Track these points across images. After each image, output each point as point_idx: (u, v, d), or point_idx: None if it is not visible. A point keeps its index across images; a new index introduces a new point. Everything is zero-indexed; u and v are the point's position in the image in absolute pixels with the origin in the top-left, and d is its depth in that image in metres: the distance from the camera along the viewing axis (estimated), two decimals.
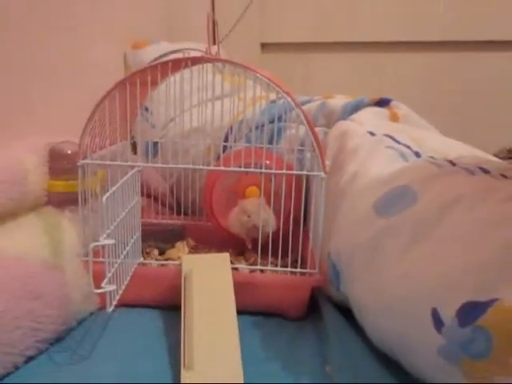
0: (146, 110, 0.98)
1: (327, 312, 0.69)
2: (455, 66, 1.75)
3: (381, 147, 0.69)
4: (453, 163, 0.62)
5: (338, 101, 0.90)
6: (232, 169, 0.72)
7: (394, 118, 0.84)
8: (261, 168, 0.72)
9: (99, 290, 0.54)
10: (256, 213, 0.78)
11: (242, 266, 0.76)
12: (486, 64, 1.73)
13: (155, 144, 0.98)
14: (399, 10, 1.72)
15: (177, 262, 0.74)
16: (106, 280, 0.56)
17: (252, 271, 0.75)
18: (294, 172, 0.71)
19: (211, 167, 0.76)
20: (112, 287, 0.55)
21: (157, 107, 0.97)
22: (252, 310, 0.70)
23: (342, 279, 0.65)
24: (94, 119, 0.66)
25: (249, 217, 0.79)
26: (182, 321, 0.61)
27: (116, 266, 0.60)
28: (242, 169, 0.72)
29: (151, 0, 1.23)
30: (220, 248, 0.87)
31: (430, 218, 0.53)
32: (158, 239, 0.89)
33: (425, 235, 0.53)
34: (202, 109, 0.95)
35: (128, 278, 0.66)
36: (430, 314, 0.48)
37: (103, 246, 0.56)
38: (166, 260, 0.83)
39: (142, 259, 0.74)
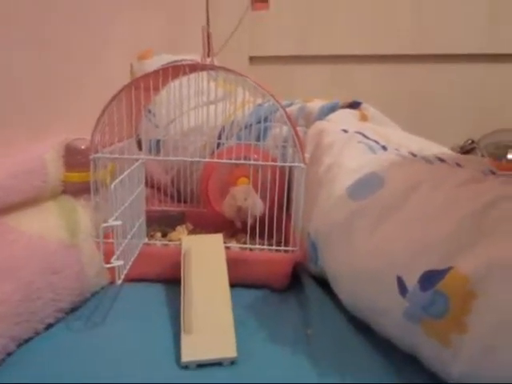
0: (150, 112, 0.97)
1: (307, 284, 0.69)
2: (416, 75, 1.80)
3: (353, 142, 0.69)
4: (414, 154, 0.61)
5: (316, 104, 0.89)
6: (225, 161, 0.72)
7: (364, 118, 0.84)
8: (250, 160, 0.72)
9: (109, 265, 0.53)
10: (241, 198, 0.77)
11: (234, 245, 0.75)
12: (439, 74, 1.80)
13: (158, 142, 0.97)
14: (369, 26, 1.77)
15: (177, 243, 0.73)
16: (114, 257, 0.55)
17: (242, 249, 0.74)
18: (278, 164, 0.70)
19: (207, 159, 0.75)
20: (120, 262, 0.55)
21: (159, 110, 0.96)
22: (242, 282, 0.70)
23: (319, 255, 0.64)
24: (103, 119, 0.65)
25: (235, 200, 0.78)
26: (182, 292, 0.60)
27: (123, 245, 0.59)
28: (234, 161, 0.71)
29: (154, 16, 1.21)
30: (215, 231, 0.86)
31: (395, 201, 0.53)
32: (160, 224, 0.88)
33: (391, 215, 0.53)
34: (198, 111, 0.94)
35: (134, 256, 0.65)
36: (396, 281, 0.48)
37: (112, 228, 0.55)
38: (168, 241, 0.83)
39: (146, 240, 0.73)
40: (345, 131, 0.74)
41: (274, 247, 0.71)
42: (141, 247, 0.70)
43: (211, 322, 0.56)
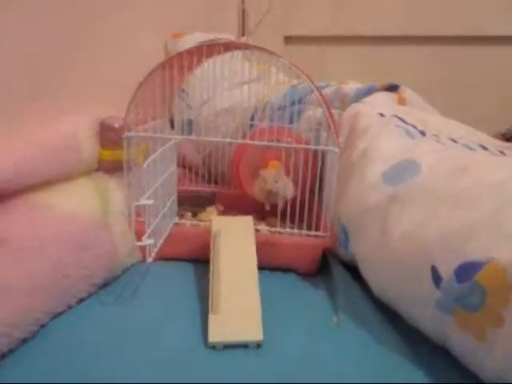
0: (183, 91, 0.97)
1: (336, 269, 0.68)
2: (455, 59, 1.73)
3: (390, 126, 0.67)
4: (454, 141, 0.59)
5: (351, 86, 0.87)
6: (256, 142, 0.71)
7: (402, 101, 0.81)
8: (282, 143, 0.71)
9: (140, 243, 0.54)
10: (272, 180, 0.77)
11: (263, 228, 0.75)
12: (478, 58, 1.72)
13: (190, 121, 0.97)
14: (405, 7, 1.70)
15: (207, 223, 0.74)
16: (145, 235, 0.55)
17: (272, 233, 0.73)
18: (311, 147, 0.68)
19: (239, 140, 0.74)
20: (150, 241, 0.55)
21: (192, 89, 0.96)
22: (271, 266, 0.70)
23: (350, 240, 0.63)
24: (136, 97, 0.65)
25: (266, 183, 0.78)
26: (211, 273, 0.61)
27: (154, 223, 0.59)
28: (265, 143, 0.70)
29: None
30: (245, 213, 0.86)
31: (433, 187, 0.51)
32: (191, 204, 0.89)
33: (427, 201, 0.51)
34: (231, 92, 0.93)
35: (165, 235, 0.65)
36: (430, 270, 0.46)
37: (144, 207, 0.55)
38: (198, 221, 0.83)
39: (177, 220, 0.74)
40: (381, 115, 0.72)
41: (303, 231, 0.70)
42: (171, 227, 0.70)
43: (238, 304, 0.56)
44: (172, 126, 0.97)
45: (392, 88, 0.84)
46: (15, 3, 0.62)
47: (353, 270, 0.66)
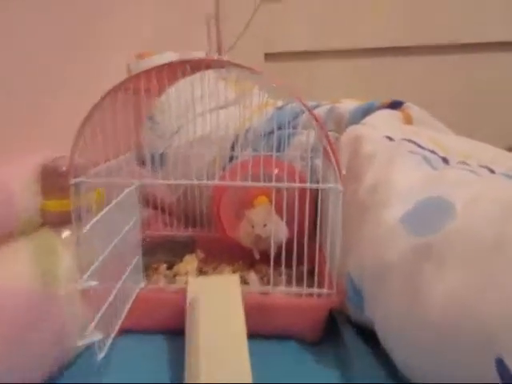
0: (153, 120, 0.84)
1: (347, 334, 0.54)
2: (455, 68, 1.60)
3: (402, 152, 0.54)
4: (491, 169, 0.46)
5: (347, 105, 0.75)
6: (238, 183, 0.57)
7: (408, 120, 0.69)
8: (270, 179, 0.57)
9: (81, 342, 0.39)
10: (260, 223, 0.64)
11: (252, 289, 0.60)
12: (485, 65, 1.58)
13: (162, 155, 0.83)
14: (396, 16, 1.57)
15: (180, 286, 0.59)
16: (91, 327, 0.41)
17: (264, 293, 0.59)
18: (307, 185, 0.55)
19: (216, 182, 0.61)
20: (97, 336, 0.40)
21: (162, 117, 0.83)
22: (265, 333, 0.55)
23: (365, 301, 0.50)
24: (83, 133, 0.51)
25: (253, 227, 0.64)
26: (187, 357, 0.46)
27: (104, 309, 0.45)
28: (250, 183, 0.56)
29: (155, 13, 1.08)
30: (231, 261, 0.73)
31: (481, 237, 0.38)
32: (166, 252, 0.75)
33: (471, 256, 0.38)
34: (206, 118, 0.80)
35: (127, 306, 0.51)
36: (493, 362, 0.33)
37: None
38: (175, 276, 0.69)
39: (143, 284, 0.59)
40: (389, 138, 0.59)
41: (304, 290, 0.56)
42: (138, 292, 0.56)
43: None
44: (143, 162, 0.83)
45: (395, 105, 0.71)
46: None
47: (366, 332, 0.52)
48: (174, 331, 0.55)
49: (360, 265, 0.50)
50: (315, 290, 0.55)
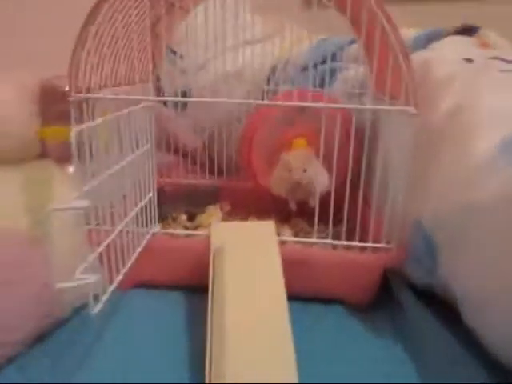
0: (175, 53, 0.73)
1: (406, 300, 0.43)
2: None
3: (491, 72, 0.42)
4: None
5: (406, 32, 0.62)
6: (286, 103, 0.46)
7: (485, 47, 0.56)
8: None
9: (68, 284, 0.29)
10: (299, 167, 0.53)
11: (290, 239, 0.50)
12: None
13: (185, 94, 0.72)
14: None
15: (204, 232, 0.49)
16: (81, 268, 0.31)
17: (304, 245, 0.49)
18: (368, 107, 0.43)
19: (257, 101, 0.49)
20: (92, 278, 0.30)
21: (187, 50, 0.71)
22: (305, 295, 0.46)
23: (440, 258, 0.39)
24: (85, 35, 0.40)
25: (290, 172, 0.53)
26: (209, 319, 0.37)
27: (106, 242, 0.35)
28: (298, 103, 0.46)
29: None
30: (260, 214, 0.62)
31: None
32: (187, 202, 0.65)
33: None
34: (237, 52, 0.69)
35: (135, 253, 0.41)
36: None
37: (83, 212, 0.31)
38: (196, 228, 0.59)
39: (157, 228, 0.49)
40: (468, 60, 0.47)
41: (355, 243, 0.45)
42: (149, 238, 0.46)
43: (257, 365, 0.32)
44: (164, 103, 0.73)
45: (468, 31, 0.59)
46: None
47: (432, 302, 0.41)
48: (193, 287, 0.46)
49: (437, 210, 0.38)
50: (369, 243, 0.44)
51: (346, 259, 0.44)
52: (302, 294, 0.45)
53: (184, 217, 0.62)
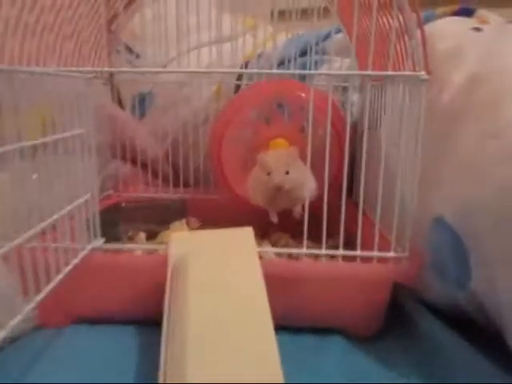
0: (131, 51, 0.64)
1: (426, 328, 0.34)
2: None
3: (510, 34, 0.34)
4: None
5: None
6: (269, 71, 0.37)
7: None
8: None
9: None
10: (280, 168, 0.43)
11: (272, 250, 0.40)
12: None
13: (144, 97, 0.63)
14: None
15: (159, 246, 0.39)
16: None
17: (291, 257, 0.39)
18: (372, 73, 0.34)
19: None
20: None
21: (144, 48, 0.62)
22: (295, 324, 0.35)
23: (475, 265, 0.29)
24: None
25: (269, 174, 0.44)
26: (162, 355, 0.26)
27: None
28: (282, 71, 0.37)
29: None
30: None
31: None
32: (147, 220, 0.54)
33: None
34: (203, 51, 0.61)
35: (60, 275, 0.30)
36: None
37: None
38: (157, 245, 0.48)
39: (99, 243, 0.37)
40: (477, 29, 0.39)
41: (358, 252, 0.35)
42: (85, 255, 0.35)
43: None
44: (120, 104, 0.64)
45: (465, 12, 0.52)
46: None
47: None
48: (146, 319, 0.35)
49: (467, 199, 0.29)
50: (375, 252, 0.34)
51: (345, 273, 0.34)
52: (290, 323, 0.35)
53: (142, 235, 0.52)
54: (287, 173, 0.44)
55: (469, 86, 0.32)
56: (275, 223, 0.47)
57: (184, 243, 0.33)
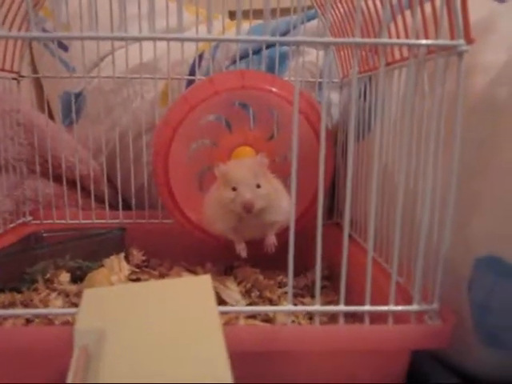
0: (60, 44, 0.51)
1: None
2: None
3: None
4: None
5: None
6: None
7: None
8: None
9: None
10: (248, 179, 0.33)
11: (243, 309, 0.28)
12: None
13: (77, 97, 0.50)
14: None
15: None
16: None
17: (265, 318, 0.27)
18: (394, 42, 0.23)
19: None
20: None
21: (73, 43, 0.50)
22: None
23: None
24: None
25: (234, 190, 0.32)
26: None
27: None
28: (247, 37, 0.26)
29: None
30: (191, 264, 0.41)
31: None
32: (75, 253, 0.42)
33: None
34: (144, 44, 0.49)
35: None
36: None
37: None
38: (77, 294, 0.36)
39: None
40: (500, 0, 0.30)
41: (366, 308, 0.24)
42: None
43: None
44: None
45: None
46: None
47: None
48: None
49: None
50: (392, 306, 0.23)
51: (351, 342, 0.23)
52: None
53: (66, 276, 0.39)
54: (258, 186, 0.33)
55: (500, 73, 0.22)
56: (243, 257, 0.36)
57: (102, 307, 0.21)
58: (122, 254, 0.41)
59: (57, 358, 0.20)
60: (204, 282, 0.22)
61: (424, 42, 0.20)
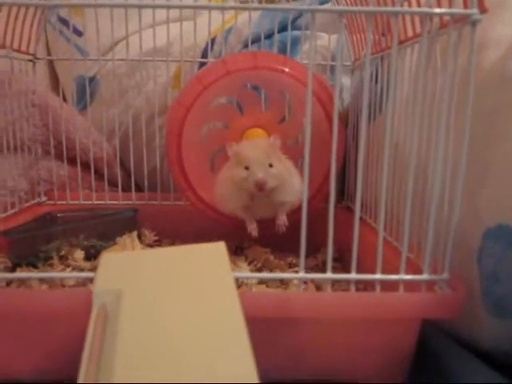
0: (74, 28, 0.51)
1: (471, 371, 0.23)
2: None
3: None
4: None
5: None
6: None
7: None
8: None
9: None
10: (260, 158, 0.34)
11: (253, 276, 0.29)
12: None
13: (91, 81, 0.51)
14: None
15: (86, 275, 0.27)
16: None
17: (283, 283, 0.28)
18: (418, 10, 0.23)
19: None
20: None
21: (89, 24, 0.51)
22: (290, 379, 0.24)
23: None
24: None
25: (247, 169, 0.33)
26: None
27: None
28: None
29: None
30: (201, 243, 0.41)
31: None
32: (89, 233, 0.42)
33: None
34: (158, 30, 0.49)
35: None
36: None
37: None
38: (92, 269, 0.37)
39: None
40: None
41: (377, 276, 0.24)
42: None
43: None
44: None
45: None
46: None
47: None
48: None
49: None
50: (402, 275, 0.24)
51: (362, 309, 0.23)
52: (284, 379, 0.23)
53: (80, 254, 0.39)
54: (271, 165, 0.33)
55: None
56: (254, 236, 0.36)
57: (119, 270, 0.21)
58: (135, 234, 0.42)
59: (77, 318, 0.20)
60: (219, 248, 0.23)
61: (438, 10, 0.21)
